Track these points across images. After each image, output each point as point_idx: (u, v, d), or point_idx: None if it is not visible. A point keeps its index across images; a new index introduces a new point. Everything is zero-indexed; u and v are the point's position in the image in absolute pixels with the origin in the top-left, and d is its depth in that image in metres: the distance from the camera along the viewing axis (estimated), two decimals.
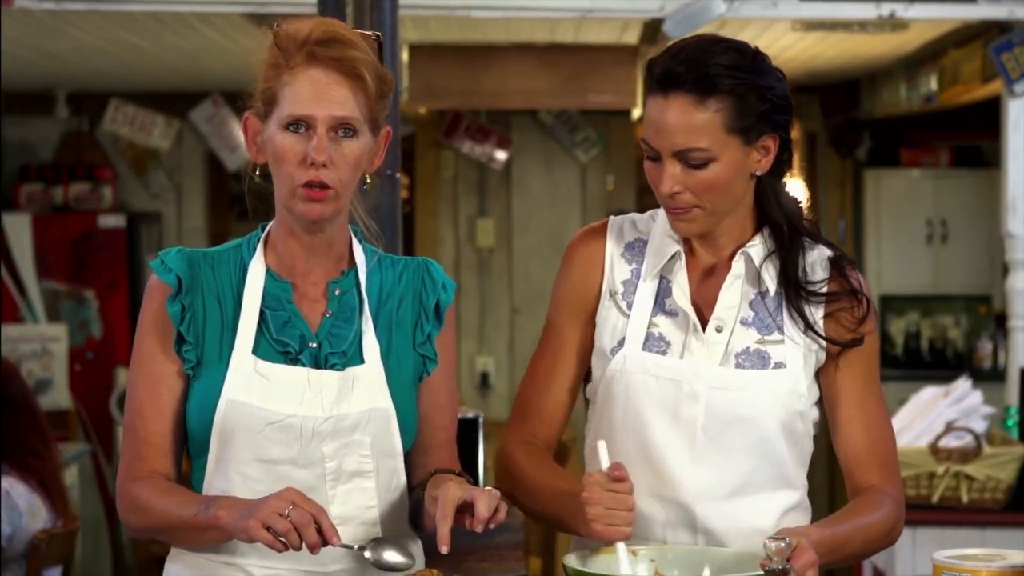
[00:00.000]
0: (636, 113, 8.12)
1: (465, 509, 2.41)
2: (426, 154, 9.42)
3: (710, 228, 2.63)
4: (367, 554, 2.43)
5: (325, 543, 2.35)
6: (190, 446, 2.57)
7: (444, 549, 2.38)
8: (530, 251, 9.35)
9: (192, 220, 9.50)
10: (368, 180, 2.59)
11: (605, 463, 2.47)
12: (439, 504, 2.41)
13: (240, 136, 9.46)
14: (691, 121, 2.51)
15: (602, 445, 2.49)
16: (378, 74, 2.52)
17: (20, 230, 8.67)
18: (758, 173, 2.61)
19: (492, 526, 2.41)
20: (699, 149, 2.53)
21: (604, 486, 2.44)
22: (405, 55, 7.41)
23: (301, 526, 2.33)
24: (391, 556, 2.44)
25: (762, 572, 2.29)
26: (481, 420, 4.21)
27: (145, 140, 9.25)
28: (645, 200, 9.29)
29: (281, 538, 2.33)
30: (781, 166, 2.65)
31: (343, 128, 2.48)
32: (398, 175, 4.05)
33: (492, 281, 9.35)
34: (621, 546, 2.45)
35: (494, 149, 9.30)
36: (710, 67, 2.51)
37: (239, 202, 9.70)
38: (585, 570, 2.40)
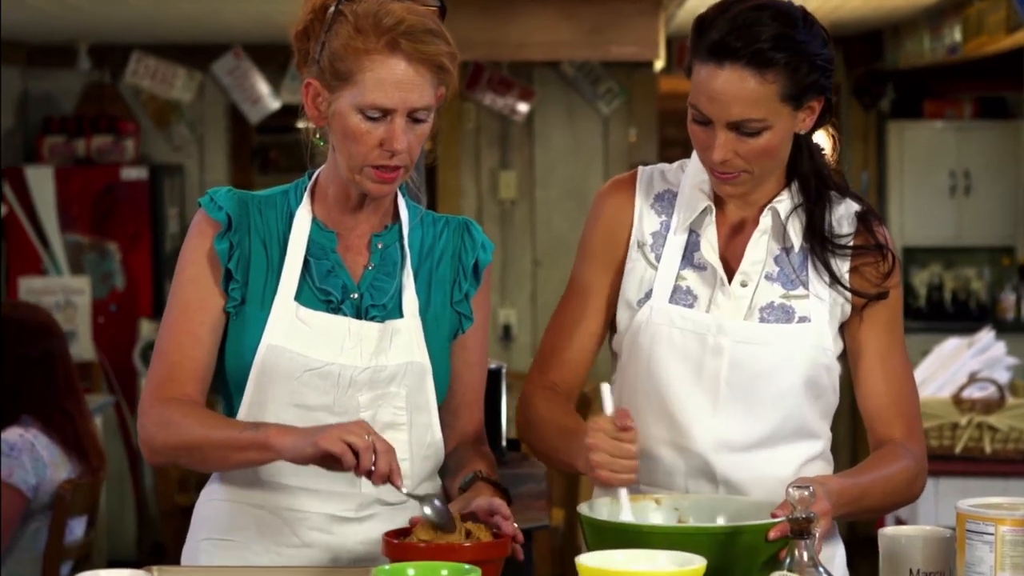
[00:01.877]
0: (659, 65, 8.09)
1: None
2: (448, 106, 9.38)
3: (754, 189, 2.63)
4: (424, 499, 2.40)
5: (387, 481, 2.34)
6: (226, 387, 2.57)
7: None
8: (552, 203, 9.34)
9: (214, 173, 9.51)
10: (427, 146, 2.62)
11: (609, 408, 2.47)
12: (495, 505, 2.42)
13: (262, 88, 9.47)
14: (747, 93, 2.50)
15: (606, 388, 2.49)
16: (455, 61, 2.52)
17: (43, 183, 8.67)
18: (802, 132, 2.61)
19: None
20: (755, 120, 2.52)
21: (609, 433, 2.43)
22: None
23: (381, 452, 2.32)
24: (439, 504, 2.40)
25: (781, 519, 2.29)
26: (504, 371, 4.23)
27: (167, 93, 9.25)
28: (667, 153, 9.26)
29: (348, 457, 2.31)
30: (820, 122, 2.64)
31: (418, 113, 2.51)
32: None
33: (514, 233, 9.33)
34: (623, 492, 2.46)
35: (516, 101, 9.27)
36: (766, 40, 2.48)
37: (261, 155, 9.72)
38: (598, 518, 2.40)
